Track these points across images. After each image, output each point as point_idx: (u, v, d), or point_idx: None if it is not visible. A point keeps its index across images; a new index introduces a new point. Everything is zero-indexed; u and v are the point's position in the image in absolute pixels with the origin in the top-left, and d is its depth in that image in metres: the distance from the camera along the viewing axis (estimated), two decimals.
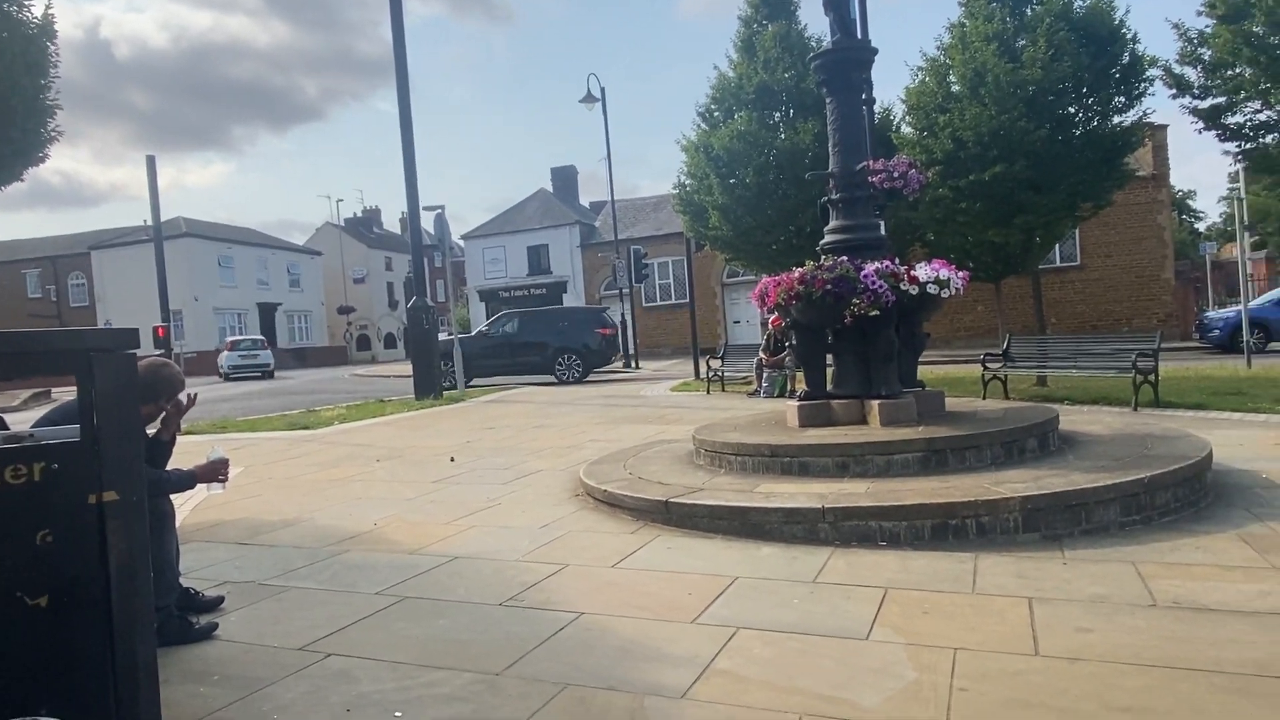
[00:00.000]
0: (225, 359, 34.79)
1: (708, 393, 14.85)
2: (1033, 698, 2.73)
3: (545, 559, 4.64)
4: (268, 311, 49.87)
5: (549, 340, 20.54)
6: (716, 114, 16.52)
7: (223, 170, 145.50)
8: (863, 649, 3.21)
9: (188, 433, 11.07)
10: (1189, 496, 4.94)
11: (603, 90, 25.08)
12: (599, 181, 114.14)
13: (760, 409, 10.13)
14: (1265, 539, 4.32)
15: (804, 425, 6.51)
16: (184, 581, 3.95)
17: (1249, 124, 10.22)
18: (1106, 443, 6.01)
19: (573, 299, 37.21)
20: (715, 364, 15.42)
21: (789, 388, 12.85)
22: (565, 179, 43.97)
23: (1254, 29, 9.35)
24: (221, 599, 4.10)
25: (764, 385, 13.56)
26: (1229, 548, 4.23)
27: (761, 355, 13.95)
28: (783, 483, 5.46)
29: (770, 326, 13.79)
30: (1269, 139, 10.14)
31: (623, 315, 26.44)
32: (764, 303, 6.84)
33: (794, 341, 7.44)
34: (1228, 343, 18.30)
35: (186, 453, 4.37)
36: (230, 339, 38.28)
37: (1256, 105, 9.93)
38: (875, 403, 6.31)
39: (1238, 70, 9.78)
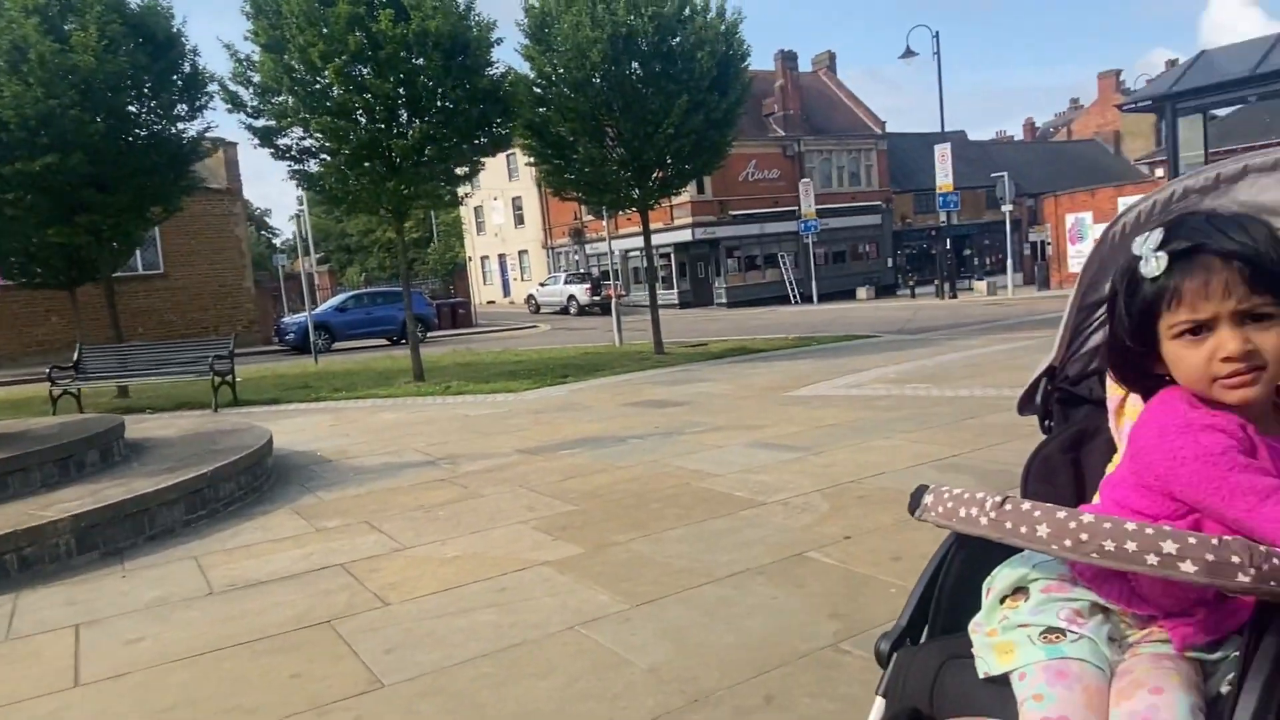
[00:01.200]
0: None
1: None
2: None
3: None
4: None
5: None
6: None
7: None
8: None
9: None
10: (252, 483, 5.26)
11: None
12: None
13: None
14: (313, 507, 4.91)
15: None
16: None
17: (297, 147, 11.50)
18: (176, 444, 5.93)
19: None
20: None
21: None
22: None
23: (292, 63, 10.55)
24: None
25: None
26: (284, 522, 4.64)
27: None
28: None
29: None
30: (312, 164, 11.62)
31: None
32: None
33: None
34: (301, 343, 20.53)
35: None
36: None
37: (301, 132, 11.24)
38: None
39: (283, 97, 10.88)
